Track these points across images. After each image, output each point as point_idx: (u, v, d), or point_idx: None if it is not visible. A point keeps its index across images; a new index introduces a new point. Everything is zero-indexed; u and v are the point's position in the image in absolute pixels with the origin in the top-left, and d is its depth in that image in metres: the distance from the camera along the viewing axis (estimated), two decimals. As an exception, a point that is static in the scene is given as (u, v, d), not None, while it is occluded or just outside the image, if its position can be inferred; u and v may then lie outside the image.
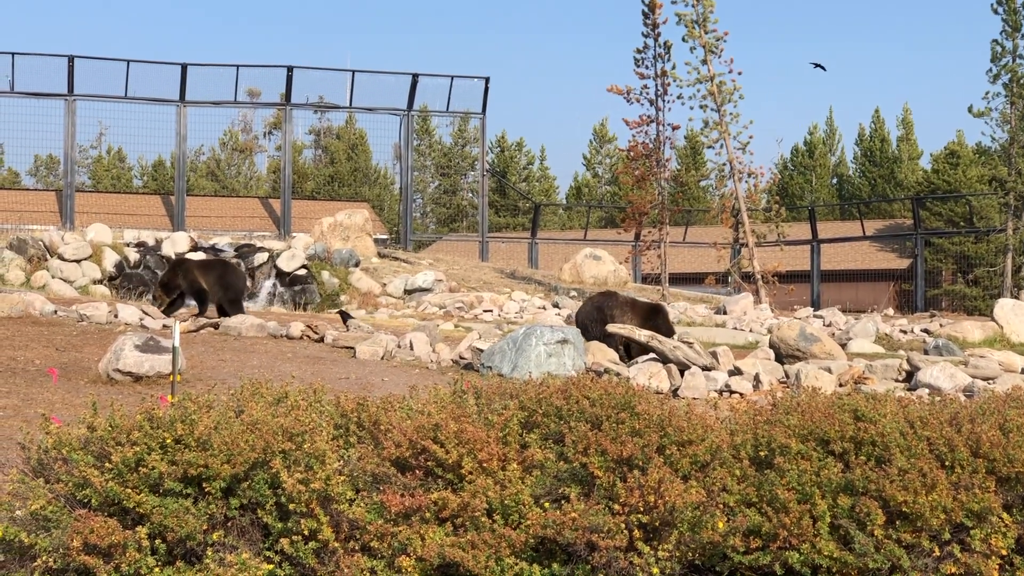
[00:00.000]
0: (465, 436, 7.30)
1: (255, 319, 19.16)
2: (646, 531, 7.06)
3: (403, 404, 8.22)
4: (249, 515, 7.23)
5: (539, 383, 8.55)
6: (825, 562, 6.83)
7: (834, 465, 7.22)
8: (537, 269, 42.77)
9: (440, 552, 6.78)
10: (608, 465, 7.27)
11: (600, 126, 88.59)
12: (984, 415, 7.54)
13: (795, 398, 8.28)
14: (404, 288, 30.72)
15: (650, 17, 33.63)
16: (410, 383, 11.95)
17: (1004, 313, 24.94)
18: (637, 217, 34.44)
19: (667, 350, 15.66)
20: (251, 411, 7.66)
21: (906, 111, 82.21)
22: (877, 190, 75.36)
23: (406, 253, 39.23)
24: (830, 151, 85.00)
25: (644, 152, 33.97)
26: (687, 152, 75.75)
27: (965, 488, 6.87)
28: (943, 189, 59.23)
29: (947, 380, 14.73)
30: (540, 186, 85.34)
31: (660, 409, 7.78)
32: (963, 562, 6.69)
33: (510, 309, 27.48)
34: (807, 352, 17.15)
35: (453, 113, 47.31)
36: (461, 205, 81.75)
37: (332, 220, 35.05)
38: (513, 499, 7.04)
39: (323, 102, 48.13)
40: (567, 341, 15.87)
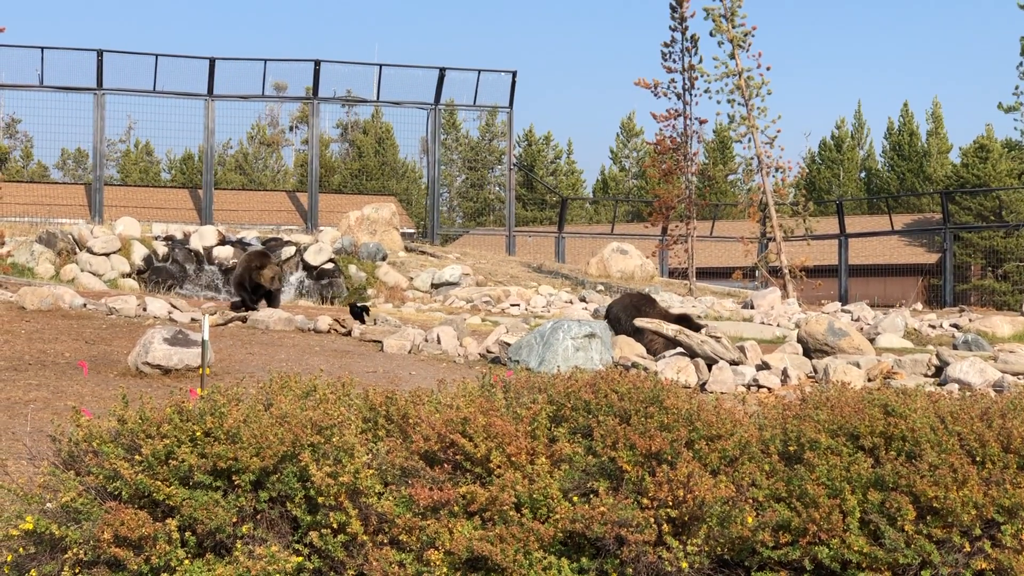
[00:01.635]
0: (493, 430, 7.30)
1: (283, 312, 19.21)
2: (675, 525, 7.04)
3: (431, 398, 8.23)
4: (278, 508, 7.24)
5: (567, 377, 8.54)
6: (855, 557, 6.81)
7: (864, 460, 7.19)
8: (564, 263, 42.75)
9: (468, 546, 6.78)
10: (637, 459, 7.25)
11: (627, 120, 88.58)
12: (1015, 410, 7.49)
13: (824, 393, 8.25)
14: (431, 282, 30.75)
15: (678, 11, 33.58)
16: (438, 377, 11.96)
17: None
18: (664, 211, 34.38)
19: (695, 344, 15.63)
20: (280, 404, 7.68)
21: (936, 105, 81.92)
22: (906, 184, 75.07)
23: (433, 247, 39.26)
24: (858, 145, 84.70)
25: (671, 146, 33.91)
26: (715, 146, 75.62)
27: (996, 483, 6.83)
28: (972, 183, 58.95)
29: (977, 375, 14.64)
30: (567, 180, 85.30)
31: (689, 403, 7.75)
32: (994, 558, 6.66)
33: (537, 303, 27.46)
34: (835, 347, 17.08)
35: (480, 107, 47.33)
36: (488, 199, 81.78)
37: (359, 214, 35.10)
38: (542, 493, 7.04)
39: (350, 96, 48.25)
40: (594, 335, 15.85)
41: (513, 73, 44.94)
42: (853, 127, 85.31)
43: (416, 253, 35.81)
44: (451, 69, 44.20)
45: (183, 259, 29.75)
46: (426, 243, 41.00)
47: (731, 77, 34.75)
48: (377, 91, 44.35)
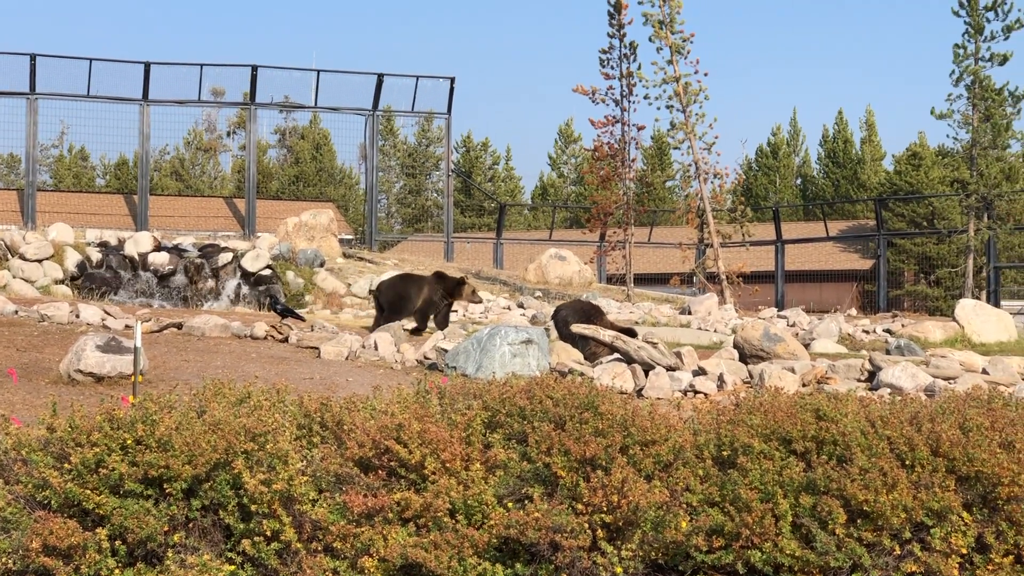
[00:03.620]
0: (428, 436, 7.30)
1: (218, 319, 19.07)
2: (609, 531, 7.07)
3: (366, 404, 8.21)
4: (211, 516, 7.20)
5: (503, 383, 8.55)
6: (787, 561, 6.87)
7: (796, 464, 7.25)
8: (502, 269, 42.72)
9: (403, 552, 6.77)
10: (571, 465, 7.28)
11: (566, 126, 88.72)
12: (944, 414, 7.58)
13: (758, 398, 8.31)
14: (369, 288, 30.61)
15: (616, 17, 33.67)
16: (374, 383, 11.91)
17: (965, 313, 25.07)
18: (602, 217, 34.44)
19: (632, 350, 15.68)
20: (213, 411, 7.63)
21: (869, 112, 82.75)
22: (840, 191, 75.73)
23: (371, 253, 39.12)
24: (794, 152, 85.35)
25: (609, 152, 33.99)
26: (653, 152, 75.94)
27: (925, 487, 6.91)
28: (906, 190, 59.59)
29: (908, 380, 14.79)
30: (505, 186, 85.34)
31: (623, 409, 7.79)
32: (923, 561, 6.73)
33: (475, 309, 27.43)
34: (771, 352, 17.20)
35: (418, 113, 47.20)
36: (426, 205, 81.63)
37: (297, 220, 34.92)
38: (476, 499, 7.04)
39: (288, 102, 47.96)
40: (531, 341, 15.86)
41: (451, 79, 44.89)
42: (789, 134, 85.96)
43: (354, 259, 35.67)
44: (389, 75, 44.09)
45: (117, 265, 29.47)
46: (364, 249, 40.84)
47: (669, 83, 34.90)
48: (315, 97, 44.10)
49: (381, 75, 43.80)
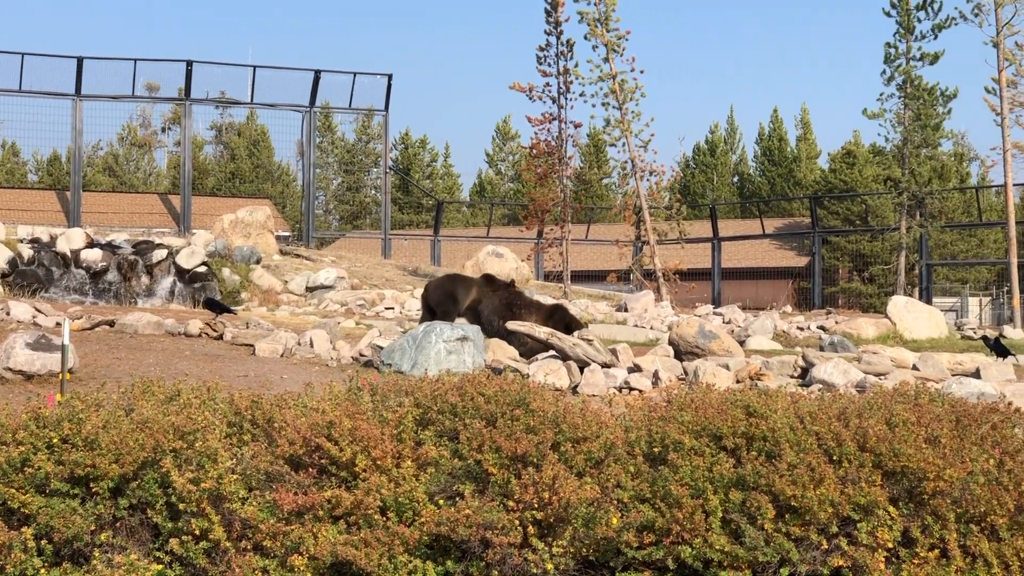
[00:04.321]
0: (359, 433, 7.27)
1: (152, 316, 18.91)
2: (540, 528, 7.08)
3: (298, 401, 8.17)
4: (139, 515, 7.14)
5: (435, 380, 8.54)
6: (717, 556, 6.90)
7: (726, 460, 7.29)
8: (440, 266, 42.68)
9: (333, 550, 6.75)
10: (502, 462, 7.28)
11: (503, 123, 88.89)
12: (872, 410, 7.65)
13: (689, 395, 8.34)
14: (306, 286, 30.49)
15: (552, 15, 33.72)
16: (309, 380, 11.86)
17: (897, 310, 25.36)
18: (539, 215, 34.48)
19: (567, 347, 15.70)
20: (141, 409, 7.57)
21: (804, 111, 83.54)
22: (776, 189, 76.33)
23: (308, 250, 38.93)
24: (731, 150, 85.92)
25: (546, 150, 34.04)
26: (590, 150, 76.15)
27: (852, 482, 6.97)
28: (840, 188, 60.15)
29: (840, 376, 14.92)
30: (443, 183, 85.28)
31: (555, 406, 7.80)
32: (850, 555, 6.79)
33: (412, 306, 27.39)
34: (706, 349, 17.29)
35: (356, 110, 47.03)
36: (364, 202, 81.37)
37: (233, 217, 34.69)
38: (407, 496, 7.03)
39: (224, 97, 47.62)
40: (467, 338, 15.85)
41: (389, 76, 44.81)
42: (726, 132, 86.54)
43: (291, 256, 35.49)
44: (326, 71, 43.93)
45: (49, 262, 29.11)
46: (301, 246, 40.63)
47: (605, 81, 35.03)
48: (251, 93, 43.86)
49: (318, 71, 43.66)
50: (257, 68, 43.83)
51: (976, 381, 14.45)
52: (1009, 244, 35.36)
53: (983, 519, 6.90)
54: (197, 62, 42.59)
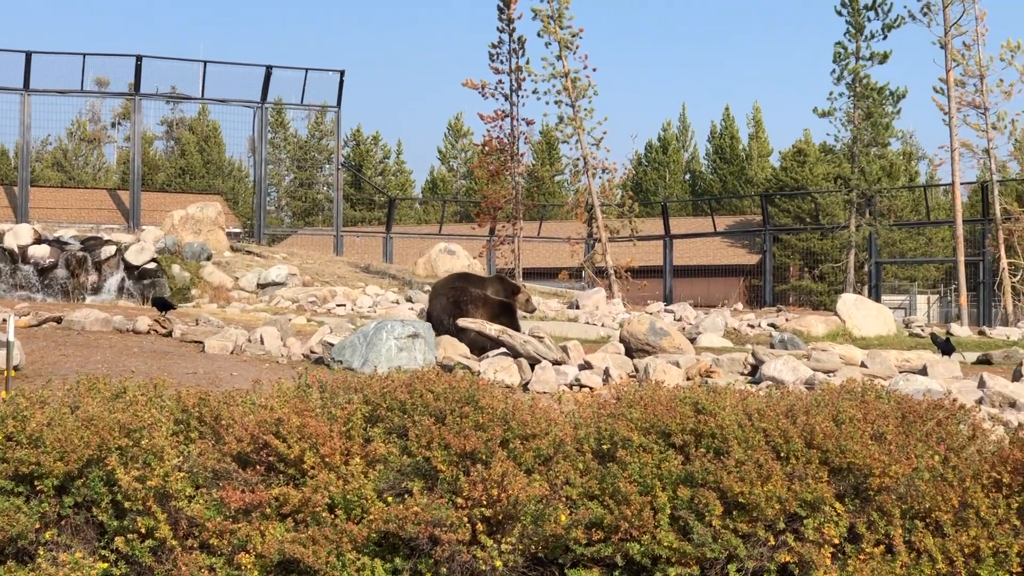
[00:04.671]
0: (308, 430, 7.24)
1: (100, 313, 18.76)
2: (489, 525, 7.07)
3: (246, 399, 8.12)
4: (84, 513, 7.08)
5: (384, 377, 8.51)
6: (665, 553, 6.92)
7: (675, 457, 7.31)
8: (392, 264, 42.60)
9: (280, 548, 6.72)
10: (451, 459, 7.27)
11: (456, 120, 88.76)
12: (819, 407, 7.69)
13: (638, 392, 8.36)
14: (257, 282, 30.31)
15: (505, 12, 33.70)
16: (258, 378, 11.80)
17: (846, 308, 25.52)
18: (491, 212, 34.48)
19: (518, 344, 15.71)
20: (87, 407, 7.50)
21: (756, 109, 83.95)
22: (728, 187, 76.64)
23: (260, 247, 38.74)
24: (683, 148, 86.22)
25: (499, 147, 34.02)
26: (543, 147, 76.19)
27: (799, 478, 7.01)
28: (791, 186, 60.49)
29: (790, 373, 15.00)
30: (396, 180, 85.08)
31: (504, 403, 7.80)
32: (797, 551, 6.83)
33: (363, 303, 27.31)
34: (656, 346, 17.34)
35: (308, 106, 46.84)
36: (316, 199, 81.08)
37: (184, 213, 34.44)
38: (356, 494, 7.00)
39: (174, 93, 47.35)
40: (418, 335, 15.82)
41: (341, 72, 44.66)
42: (678, 130, 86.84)
43: (242, 253, 35.28)
44: (278, 67, 43.71)
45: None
46: (253, 243, 40.43)
47: (558, 79, 35.03)
48: (202, 88, 43.56)
49: (270, 67, 43.44)
50: (208, 63, 43.56)
51: (923, 378, 14.57)
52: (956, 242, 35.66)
53: (928, 515, 6.95)
54: (147, 57, 42.30)
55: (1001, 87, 37.72)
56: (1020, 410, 13.12)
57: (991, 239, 38.70)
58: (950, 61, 35.67)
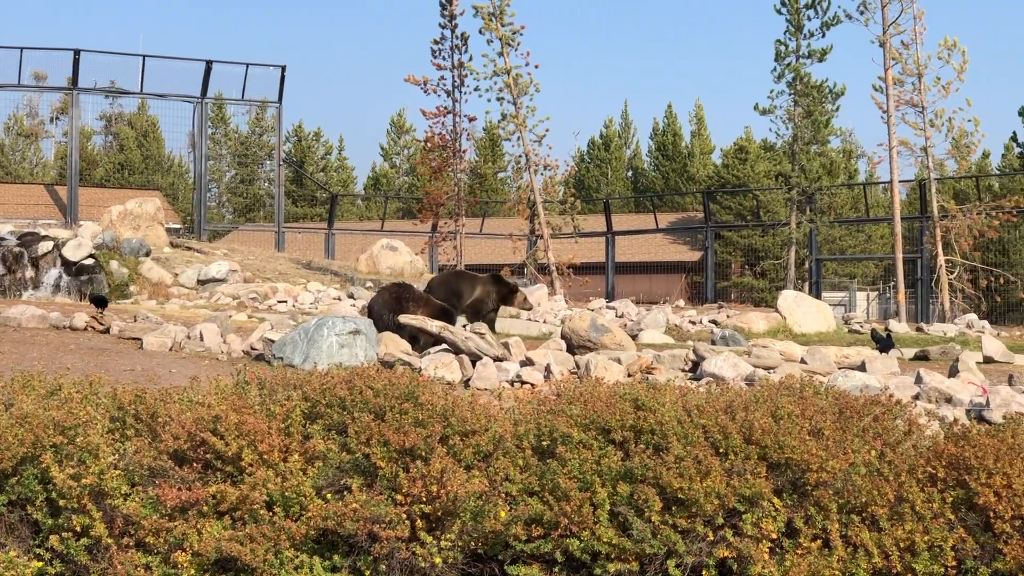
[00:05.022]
0: (245, 427, 7.19)
1: (36, 310, 18.55)
2: (429, 521, 7.05)
3: (183, 396, 8.05)
4: (18, 511, 6.99)
5: (324, 373, 8.47)
6: (604, 548, 6.93)
7: (614, 454, 7.32)
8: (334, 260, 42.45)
9: (217, 546, 6.66)
10: (391, 455, 7.24)
11: (398, 116, 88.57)
12: (758, 403, 7.73)
13: (578, 388, 8.36)
14: (197, 278, 30.11)
15: (447, 8, 33.63)
16: (197, 374, 11.71)
17: (787, 304, 25.70)
18: (434, 208, 34.42)
19: (459, 341, 15.69)
20: (21, 404, 7.41)
21: (698, 107, 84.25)
22: (670, 184, 76.92)
23: (200, 243, 38.48)
24: (625, 144, 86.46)
25: (441, 143, 33.97)
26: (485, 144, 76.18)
27: (738, 474, 7.04)
28: (732, 183, 60.82)
29: (730, 370, 15.07)
30: (338, 176, 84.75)
31: (444, 399, 7.78)
32: (735, 546, 6.86)
33: (305, 300, 27.21)
34: (598, 343, 17.37)
35: (248, 101, 46.52)
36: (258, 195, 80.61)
37: (122, 208, 34.15)
38: (294, 491, 6.96)
39: (113, 87, 46.85)
40: (359, 332, 15.76)
41: (282, 68, 44.42)
42: (620, 127, 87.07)
43: (182, 249, 35.04)
44: (218, 62, 43.39)
45: (-68, 254, 28.40)
46: (193, 239, 40.15)
47: (500, 75, 35.04)
48: (141, 83, 43.15)
49: (210, 62, 43.13)
50: (147, 57, 43.16)
51: (861, 374, 14.69)
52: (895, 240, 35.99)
53: (864, 509, 7.01)
54: (85, 51, 41.85)
55: (938, 85, 38.10)
56: (956, 405, 13.26)
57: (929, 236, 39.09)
58: (888, 60, 35.98)
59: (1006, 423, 7.63)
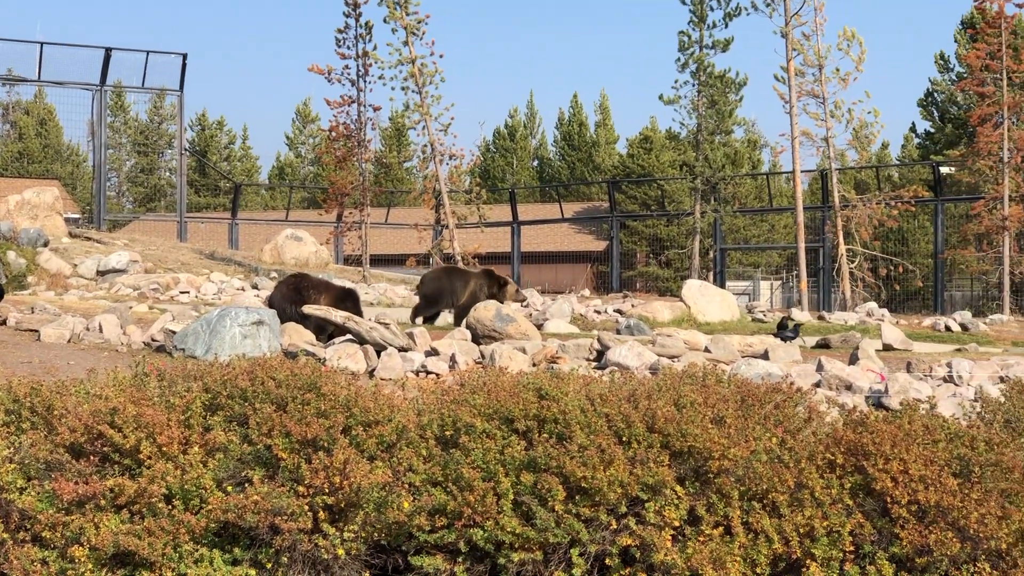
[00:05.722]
0: (144, 420, 7.08)
1: (-70, 301, 18.16)
2: (331, 513, 7.00)
3: (80, 388, 7.91)
4: (-94, 509, 6.83)
5: (225, 364, 8.38)
6: (508, 538, 6.93)
7: (518, 443, 7.32)
8: (238, 250, 42.10)
9: (115, 540, 6.56)
10: (293, 447, 7.18)
11: (303, 106, 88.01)
12: (661, 392, 7.77)
13: (482, 378, 8.36)
14: (97, 269, 29.67)
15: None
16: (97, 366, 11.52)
17: (691, 293, 25.89)
18: (339, 198, 34.23)
19: (364, 331, 15.61)
20: (-91, 399, 7.23)
21: (604, 97, 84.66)
22: (576, 173, 77.23)
23: (100, 233, 37.91)
24: (531, 134, 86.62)
25: (346, 133, 33.79)
26: (391, 133, 75.93)
27: (641, 463, 7.07)
28: (638, 173, 61.20)
29: (635, 359, 15.15)
30: (242, 166, 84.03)
31: (347, 390, 7.72)
32: (638, 534, 6.89)
33: (208, 290, 26.92)
34: (503, 333, 17.38)
35: (149, 89, 45.92)
36: (159, 184, 79.60)
37: (19, 198, 33.56)
38: (194, 483, 6.87)
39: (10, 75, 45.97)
40: (263, 322, 15.62)
41: (184, 55, 43.90)
42: (526, 117, 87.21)
43: (81, 239, 34.51)
44: (118, 49, 42.78)
45: None
46: (92, 229, 39.55)
47: (405, 64, 34.88)
48: (39, 70, 42.42)
49: (109, 49, 42.50)
50: (45, 44, 42.46)
51: (764, 362, 14.85)
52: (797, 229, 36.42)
53: (765, 496, 7.07)
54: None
55: (838, 76, 38.61)
56: (856, 393, 13.46)
57: (830, 225, 39.65)
58: (790, 50, 36.38)
59: (903, 409, 7.74)
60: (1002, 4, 36.18)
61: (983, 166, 37.05)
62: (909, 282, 40.25)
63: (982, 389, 12.32)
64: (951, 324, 24.78)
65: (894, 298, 42.62)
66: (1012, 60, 36.20)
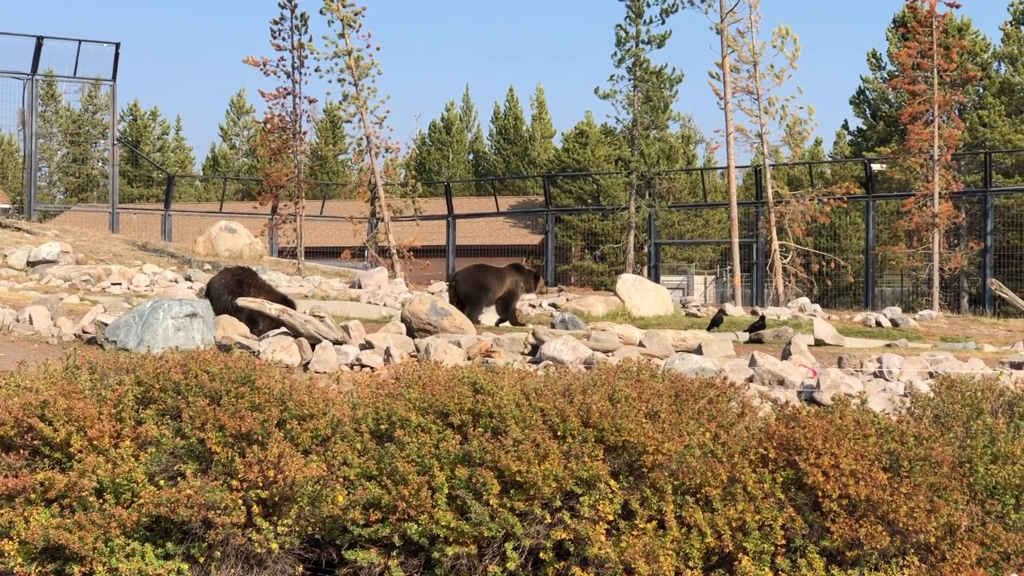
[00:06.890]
0: (75, 413, 7.02)
1: None
2: (265, 507, 6.98)
3: (9, 380, 7.82)
4: None
5: (158, 357, 8.31)
6: (443, 532, 6.94)
7: (453, 437, 7.33)
8: (171, 242, 41.71)
9: (45, 535, 6.50)
10: (227, 440, 7.14)
11: (238, 97, 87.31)
12: (596, 386, 7.80)
13: (417, 371, 8.35)
14: (27, 260, 29.28)
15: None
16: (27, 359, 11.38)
17: (626, 288, 25.98)
18: (273, 190, 33.99)
19: (298, 324, 15.53)
20: None
21: (539, 91, 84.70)
22: (512, 167, 77.22)
23: (30, 223, 37.41)
24: (467, 128, 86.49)
25: (281, 125, 33.55)
26: (327, 126, 75.54)
27: (575, 457, 7.10)
28: (573, 168, 61.30)
29: (569, 353, 15.19)
30: (175, 156, 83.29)
31: (282, 383, 7.70)
32: (573, 528, 6.92)
33: (140, 282, 26.64)
34: (438, 326, 17.36)
35: (81, 79, 45.31)
36: (91, 175, 78.67)
37: (-53, 187, 33.09)
38: (125, 477, 6.82)
39: (-62, 62, 45.23)
40: (196, 315, 15.51)
41: (117, 45, 43.33)
42: (462, 110, 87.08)
43: (11, 230, 34.06)
44: (49, 38, 42.14)
45: None
46: (23, 219, 39.00)
47: (341, 57, 34.71)
48: (-33, 59, 41.77)
49: (41, 38, 41.90)
50: (-27, 32, 41.77)
51: (698, 357, 14.93)
52: (731, 224, 36.61)
53: (698, 490, 7.12)
54: (-92, 24, 40.37)
55: (772, 73, 38.85)
56: (788, 387, 13.57)
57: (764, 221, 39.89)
58: (725, 47, 36.56)
59: (834, 405, 7.83)
60: (933, 3, 36.51)
61: (914, 163, 37.39)
62: (841, 278, 40.55)
63: (912, 385, 12.48)
64: (882, 320, 25.04)
65: (826, 293, 42.99)
66: (943, 59, 36.56)
